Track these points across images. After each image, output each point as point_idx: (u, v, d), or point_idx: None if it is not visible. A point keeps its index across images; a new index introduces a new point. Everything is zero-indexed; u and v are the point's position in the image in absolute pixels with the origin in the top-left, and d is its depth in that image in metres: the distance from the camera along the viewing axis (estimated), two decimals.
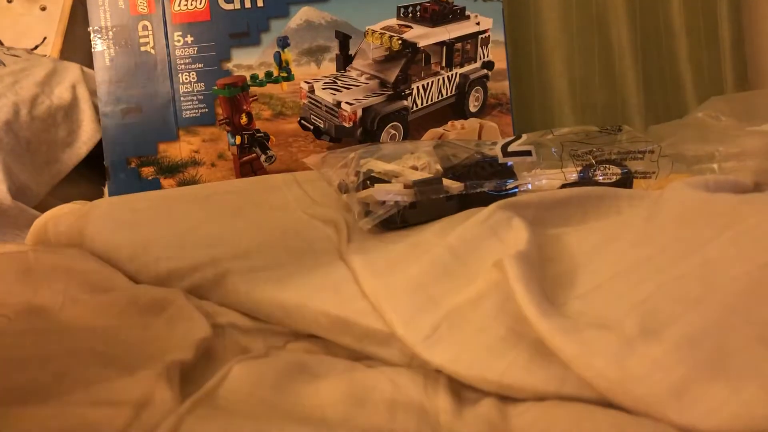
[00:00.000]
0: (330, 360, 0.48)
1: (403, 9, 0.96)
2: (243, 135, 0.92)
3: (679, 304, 0.43)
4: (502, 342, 0.44)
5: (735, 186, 0.60)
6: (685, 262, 0.48)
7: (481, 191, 0.66)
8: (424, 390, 0.43)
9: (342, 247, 0.59)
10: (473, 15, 0.97)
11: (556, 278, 0.51)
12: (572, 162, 0.69)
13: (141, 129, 0.90)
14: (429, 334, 0.46)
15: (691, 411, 0.36)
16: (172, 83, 0.91)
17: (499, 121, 0.99)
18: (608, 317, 0.44)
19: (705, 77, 1.27)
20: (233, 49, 0.91)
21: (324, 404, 0.40)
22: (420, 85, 0.95)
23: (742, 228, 0.48)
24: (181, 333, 0.51)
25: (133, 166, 0.90)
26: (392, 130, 0.94)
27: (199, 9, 0.91)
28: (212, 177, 0.91)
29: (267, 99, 0.92)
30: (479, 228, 0.57)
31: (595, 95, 1.27)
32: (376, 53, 0.95)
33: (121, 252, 0.66)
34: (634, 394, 0.37)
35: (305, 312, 0.53)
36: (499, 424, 0.39)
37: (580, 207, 0.61)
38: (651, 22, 1.27)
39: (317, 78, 0.94)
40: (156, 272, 0.62)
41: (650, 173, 0.69)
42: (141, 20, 0.91)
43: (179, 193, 0.82)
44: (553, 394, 0.40)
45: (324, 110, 0.93)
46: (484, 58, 0.98)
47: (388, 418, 0.40)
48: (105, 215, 0.72)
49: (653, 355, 0.39)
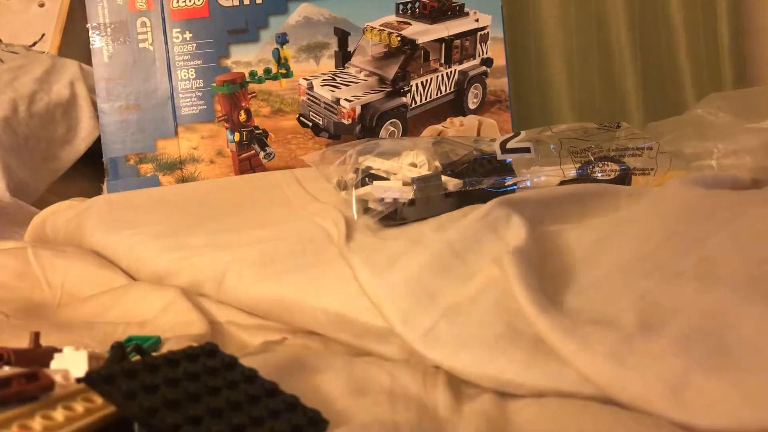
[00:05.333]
0: (329, 356, 0.48)
1: (402, 6, 0.96)
2: (242, 132, 0.92)
3: (677, 300, 0.43)
4: (501, 338, 0.44)
5: (733, 183, 0.61)
6: (683, 258, 0.48)
7: (479, 188, 0.66)
8: (423, 385, 0.43)
9: (341, 244, 0.59)
10: (472, 12, 0.97)
11: (555, 275, 0.51)
12: (571, 159, 0.69)
13: (139, 126, 0.90)
14: (428, 331, 0.46)
15: (688, 406, 0.36)
16: (170, 80, 0.91)
17: (497, 118, 0.99)
18: (607, 313, 0.44)
19: (704, 74, 1.27)
20: (232, 45, 0.91)
21: (325, 398, 0.40)
22: (419, 82, 0.95)
23: (741, 224, 0.48)
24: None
25: (131, 162, 0.90)
26: (391, 127, 0.94)
27: (197, 5, 0.91)
28: (211, 174, 0.91)
29: (266, 96, 0.92)
30: (478, 225, 0.57)
31: (593, 92, 1.27)
32: (375, 50, 0.94)
33: (119, 248, 0.66)
34: (632, 390, 0.37)
35: (304, 309, 0.53)
36: (498, 420, 0.39)
37: (578, 204, 0.61)
38: (650, 19, 1.27)
39: (316, 75, 0.93)
40: (154, 269, 0.62)
41: (649, 170, 0.69)
42: (139, 17, 0.91)
43: (178, 190, 0.82)
44: (551, 391, 0.40)
45: (323, 107, 0.93)
46: (483, 55, 0.98)
47: (390, 410, 0.40)
48: (103, 212, 0.72)
49: (651, 351, 0.39)
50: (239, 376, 0.36)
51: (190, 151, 0.91)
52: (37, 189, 0.90)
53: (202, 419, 0.32)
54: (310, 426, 0.35)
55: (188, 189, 0.81)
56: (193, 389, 0.33)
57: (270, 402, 0.35)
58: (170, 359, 0.35)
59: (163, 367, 0.34)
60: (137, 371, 0.33)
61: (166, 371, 0.34)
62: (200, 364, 0.36)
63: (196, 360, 0.36)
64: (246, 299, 0.56)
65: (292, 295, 0.54)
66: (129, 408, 0.31)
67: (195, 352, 0.36)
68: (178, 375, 0.34)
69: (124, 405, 0.31)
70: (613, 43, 1.26)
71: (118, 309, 0.57)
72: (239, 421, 0.33)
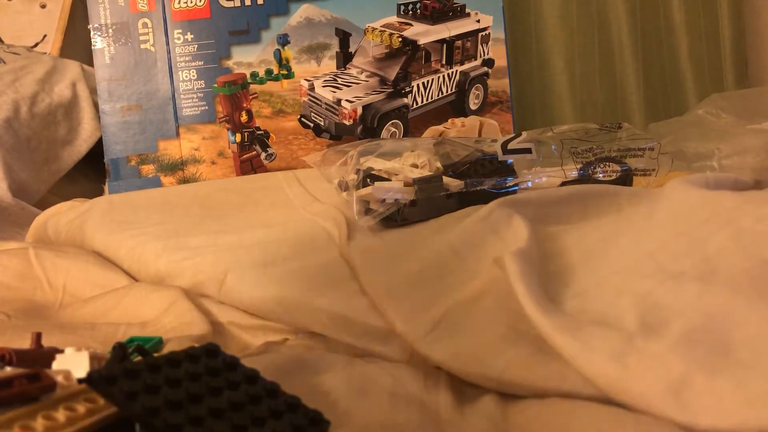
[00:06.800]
0: (330, 356, 0.48)
1: (403, 6, 0.96)
2: (243, 132, 0.92)
3: (679, 301, 0.43)
4: (502, 339, 0.44)
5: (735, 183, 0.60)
6: (685, 259, 0.48)
7: (481, 189, 0.66)
8: (424, 385, 0.43)
9: (342, 244, 0.59)
10: (473, 12, 0.97)
11: (556, 275, 0.51)
12: (572, 159, 0.69)
13: (141, 127, 0.90)
14: (429, 331, 0.46)
15: (690, 407, 0.36)
16: (172, 81, 0.91)
17: (499, 118, 0.99)
18: (608, 314, 0.44)
19: (705, 74, 1.27)
20: (233, 46, 0.91)
21: (327, 399, 0.40)
22: (420, 83, 0.95)
23: (743, 225, 0.48)
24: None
25: (133, 163, 0.90)
26: (392, 128, 0.94)
27: (199, 6, 0.91)
28: (212, 175, 0.91)
29: (267, 96, 0.92)
30: (479, 225, 0.57)
31: (595, 92, 1.27)
32: (376, 51, 0.95)
33: (120, 249, 0.66)
34: (633, 391, 0.37)
35: (305, 309, 0.53)
36: (500, 421, 0.39)
37: (580, 204, 0.61)
38: (651, 19, 1.27)
39: (317, 75, 0.93)
40: (156, 270, 0.62)
41: (650, 170, 0.69)
42: (141, 18, 0.91)
43: (179, 190, 0.82)
44: (553, 392, 0.40)
45: (324, 108, 0.93)
46: (484, 56, 0.98)
47: (391, 410, 0.40)
48: (105, 213, 0.72)
49: (653, 352, 0.39)
50: (240, 376, 0.36)
51: (192, 152, 0.91)
52: (39, 190, 0.90)
53: (203, 420, 0.32)
54: (312, 426, 0.35)
55: (190, 190, 0.81)
56: (194, 390, 0.33)
57: (271, 402, 0.35)
58: (172, 360, 0.35)
59: (164, 367, 0.34)
60: (139, 372, 0.33)
61: (167, 372, 0.34)
62: (202, 365, 0.36)
63: (197, 360, 0.36)
64: (247, 300, 0.56)
65: (294, 295, 0.54)
66: (130, 408, 0.31)
67: (196, 353, 0.36)
68: (179, 375, 0.34)
69: (125, 405, 0.31)
70: (614, 43, 1.27)
71: (120, 310, 0.57)
72: (241, 422, 0.33)
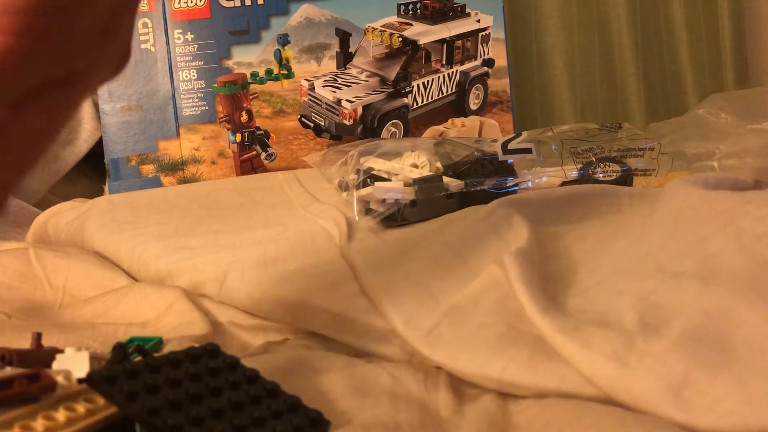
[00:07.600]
0: (330, 356, 0.48)
1: (403, 6, 0.96)
2: (243, 132, 0.92)
3: (679, 301, 0.43)
4: (503, 339, 0.44)
5: (735, 183, 0.60)
6: (685, 259, 0.48)
7: (481, 189, 0.66)
8: (425, 385, 0.43)
9: (342, 244, 0.59)
10: (474, 12, 0.97)
11: (557, 276, 0.51)
12: (572, 159, 0.69)
13: (141, 127, 0.90)
14: (429, 331, 0.46)
15: (690, 407, 0.36)
16: (172, 81, 0.91)
17: (499, 118, 0.99)
18: (608, 314, 0.44)
19: (705, 74, 1.27)
20: (233, 46, 0.91)
21: (327, 399, 0.40)
22: (420, 83, 0.95)
23: (743, 225, 0.48)
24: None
25: (133, 163, 0.90)
26: (392, 128, 0.94)
27: (199, 6, 0.91)
28: (212, 175, 0.91)
29: (267, 96, 0.92)
30: (479, 226, 0.57)
31: (595, 93, 1.26)
32: (376, 51, 0.95)
33: (120, 249, 0.66)
34: (634, 391, 0.37)
35: (305, 309, 0.53)
36: (500, 421, 0.39)
37: (580, 205, 0.61)
38: (651, 19, 1.27)
39: (317, 75, 0.93)
40: (156, 270, 0.62)
41: (650, 170, 0.69)
42: (141, 17, 0.91)
43: (179, 190, 0.82)
44: (553, 392, 0.40)
45: (324, 108, 0.93)
46: (484, 56, 0.98)
47: (391, 410, 0.40)
48: (105, 213, 0.72)
49: (653, 352, 0.39)
50: (241, 376, 0.36)
51: (192, 152, 0.91)
52: (39, 190, 0.90)
53: (203, 420, 0.32)
54: (312, 426, 0.35)
55: (190, 190, 0.81)
56: (194, 390, 0.34)
57: (272, 403, 0.35)
58: (172, 360, 0.35)
59: (164, 367, 0.34)
60: (139, 372, 0.33)
61: (167, 372, 0.34)
62: (202, 365, 0.36)
63: (197, 361, 0.36)
64: (247, 300, 0.56)
65: (294, 295, 0.54)
66: (131, 408, 0.31)
67: (197, 353, 0.36)
68: (179, 376, 0.34)
69: (125, 405, 0.31)
70: (614, 43, 1.26)
71: (120, 310, 0.57)
72: (241, 422, 0.33)
